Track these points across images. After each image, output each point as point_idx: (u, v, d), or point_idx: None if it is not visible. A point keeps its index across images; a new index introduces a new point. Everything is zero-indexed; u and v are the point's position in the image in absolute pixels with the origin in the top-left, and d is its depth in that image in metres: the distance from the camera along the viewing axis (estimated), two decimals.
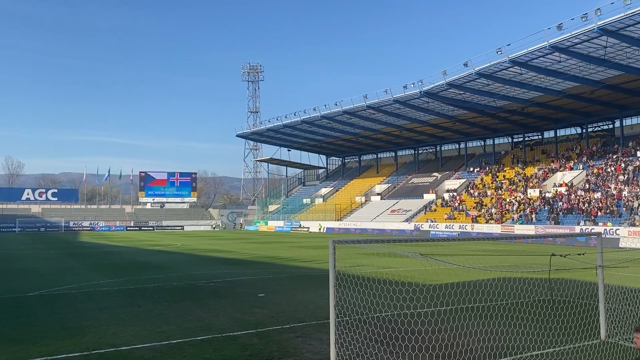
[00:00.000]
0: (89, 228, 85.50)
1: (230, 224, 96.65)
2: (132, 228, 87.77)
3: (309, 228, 75.16)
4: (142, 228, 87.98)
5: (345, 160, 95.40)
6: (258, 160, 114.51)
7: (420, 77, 73.38)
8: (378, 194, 77.32)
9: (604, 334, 9.99)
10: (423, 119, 63.05)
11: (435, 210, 63.13)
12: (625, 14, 33.40)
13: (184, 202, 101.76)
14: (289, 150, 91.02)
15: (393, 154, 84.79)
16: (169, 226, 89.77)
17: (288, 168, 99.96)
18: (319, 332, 10.75)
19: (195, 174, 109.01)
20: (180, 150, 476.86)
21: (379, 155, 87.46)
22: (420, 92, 52.77)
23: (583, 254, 7.40)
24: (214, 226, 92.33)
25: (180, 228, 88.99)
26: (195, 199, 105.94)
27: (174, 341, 10.31)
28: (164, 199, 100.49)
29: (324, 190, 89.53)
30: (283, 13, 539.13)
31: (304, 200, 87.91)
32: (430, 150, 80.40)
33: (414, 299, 10.39)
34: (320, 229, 72.88)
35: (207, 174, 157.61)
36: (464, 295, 11.07)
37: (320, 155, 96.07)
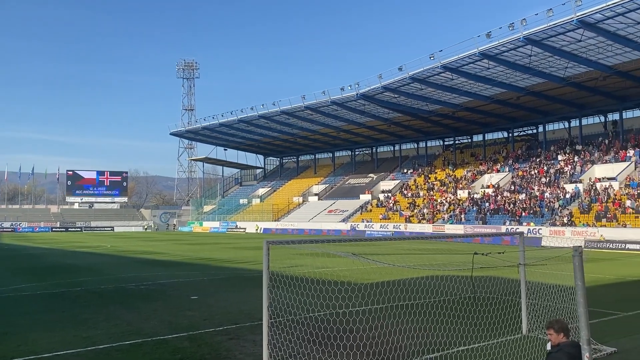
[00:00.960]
0: (10, 229, 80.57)
1: (163, 225, 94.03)
2: (58, 229, 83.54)
3: (245, 229, 74.46)
4: (69, 229, 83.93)
5: (283, 161, 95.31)
6: (193, 160, 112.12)
7: (357, 80, 74.55)
8: (316, 195, 77.79)
9: (525, 329, 10.53)
10: (360, 120, 64.07)
11: (370, 210, 64.28)
12: (548, 24, 35.40)
13: (114, 202, 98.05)
14: (225, 150, 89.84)
15: (331, 154, 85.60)
16: (98, 227, 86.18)
17: (224, 168, 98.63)
18: (252, 334, 10.67)
19: (127, 173, 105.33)
20: (111, 148, 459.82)
21: (316, 156, 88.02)
22: (357, 94, 53.59)
23: (503, 252, 7.77)
24: (145, 227, 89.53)
25: (110, 229, 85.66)
26: (126, 199, 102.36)
27: (100, 346, 9.91)
28: (92, 199, 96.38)
29: (261, 191, 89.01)
30: (220, 11, 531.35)
31: (241, 201, 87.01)
32: (367, 152, 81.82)
33: (346, 298, 10.53)
34: (257, 229, 72.38)
35: (139, 173, 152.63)
36: (396, 294, 11.35)
37: (258, 155, 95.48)
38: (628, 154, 47.58)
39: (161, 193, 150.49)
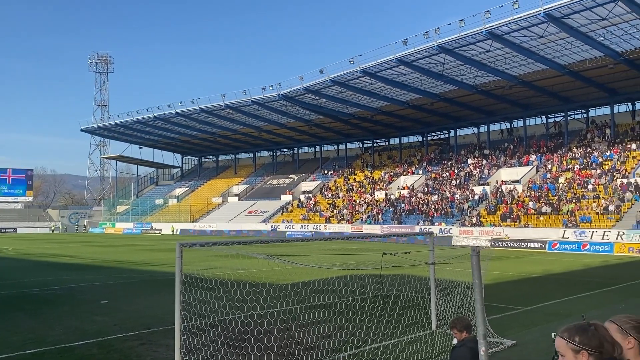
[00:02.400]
0: None
1: (72, 226, 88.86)
2: None
3: (161, 230, 72.11)
4: None
5: (202, 160, 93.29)
6: (106, 158, 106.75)
7: (278, 80, 74.71)
8: (236, 195, 76.87)
9: (434, 325, 11.03)
10: (281, 121, 64.12)
11: (291, 211, 64.50)
12: (460, 34, 37.27)
13: (17, 202, 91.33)
14: (140, 148, 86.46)
15: (251, 154, 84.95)
16: None
17: (139, 167, 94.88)
18: (166, 338, 10.37)
19: (32, 170, 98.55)
20: (14, 144, 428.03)
21: (237, 156, 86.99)
22: (279, 95, 53.59)
23: (409, 252, 8.11)
24: (52, 228, 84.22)
25: (12, 230, 79.72)
26: (31, 199, 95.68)
27: None
28: None
29: (178, 191, 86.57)
30: (138, 6, 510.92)
31: (157, 201, 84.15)
32: (288, 153, 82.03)
33: (261, 299, 10.50)
34: (173, 231, 70.32)
35: (46, 171, 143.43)
36: (312, 294, 11.47)
37: (175, 154, 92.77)
38: (530, 159, 51.12)
39: (70, 192, 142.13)
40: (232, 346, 8.74)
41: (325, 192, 65.84)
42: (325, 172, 72.24)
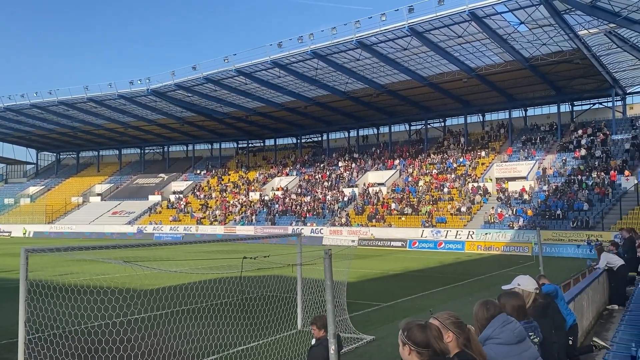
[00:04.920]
0: None
1: None
2: None
3: (10, 232, 65.13)
4: None
5: (61, 156, 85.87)
6: None
7: (148, 75, 71.11)
8: (98, 195, 71.96)
9: (300, 324, 11.29)
10: (150, 117, 61.27)
11: (160, 212, 61.97)
12: (332, 42, 38.55)
13: None
14: None
15: (117, 152, 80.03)
16: None
17: None
18: (10, 352, 9.42)
19: None
20: None
21: (100, 153, 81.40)
22: (148, 90, 51.16)
23: (268, 256, 8.24)
24: None
25: None
26: None
27: None
28: None
29: (32, 189, 78.83)
30: None
31: (6, 201, 75.86)
32: (158, 151, 78.67)
33: (124, 306, 9.97)
34: (25, 233, 63.87)
35: None
36: (177, 299, 11.15)
37: (29, 149, 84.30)
38: (394, 163, 54.44)
39: None
40: (86, 358, 8.17)
41: (198, 193, 64.26)
42: (198, 171, 70.48)
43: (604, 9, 30.32)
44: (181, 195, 64.80)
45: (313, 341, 5.96)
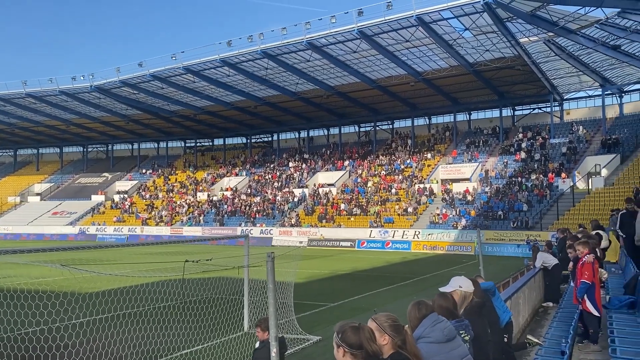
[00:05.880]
0: None
1: None
2: None
3: None
4: None
5: None
6: None
7: (92, 71, 68.58)
8: (37, 194, 68.87)
9: (246, 326, 11.21)
10: (94, 115, 59.19)
11: (104, 212, 60.02)
12: (282, 42, 38.49)
13: None
14: None
15: (58, 150, 76.81)
16: None
17: None
18: None
19: None
20: None
21: (40, 151, 77.91)
22: (91, 86, 49.43)
23: (210, 259, 8.17)
24: None
25: None
26: None
27: None
28: None
29: None
30: None
31: None
32: (102, 149, 76.13)
33: (60, 311, 9.58)
34: None
35: None
36: (118, 303, 10.83)
37: None
38: (344, 164, 54.92)
39: None
40: None
41: (143, 193, 62.63)
42: (144, 171, 68.68)
43: (543, 18, 31.71)
44: (126, 195, 62.97)
45: (257, 344, 5.95)
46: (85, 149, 75.34)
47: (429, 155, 50.93)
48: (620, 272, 12.42)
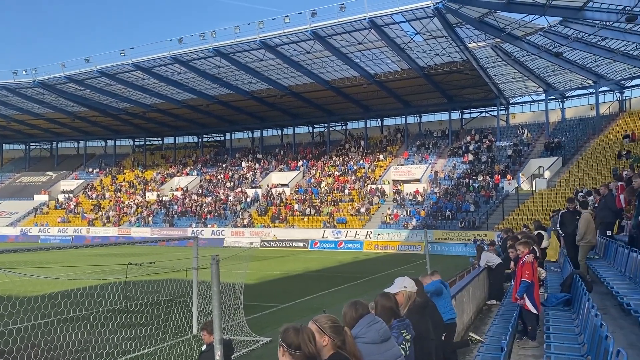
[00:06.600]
0: None
1: None
2: None
3: None
4: None
5: None
6: None
7: (35, 65, 65.80)
8: None
9: (195, 329, 11.05)
10: (37, 111, 56.81)
11: (47, 212, 57.73)
12: (235, 40, 38.12)
13: None
14: None
15: None
16: None
17: None
18: None
19: None
20: None
21: None
22: (34, 81, 47.41)
23: (154, 262, 8.03)
24: None
25: None
26: None
27: None
28: None
29: None
30: None
31: None
32: (45, 147, 73.17)
33: (3, 315, 9.17)
34: None
35: None
36: (63, 306, 10.45)
37: None
38: (298, 164, 54.94)
39: None
40: None
41: (90, 192, 60.62)
42: (90, 170, 66.47)
43: (491, 24, 32.78)
44: (71, 195, 60.79)
45: (204, 347, 5.88)
46: (27, 147, 72.23)
47: (381, 157, 51.65)
48: (559, 270, 13.00)
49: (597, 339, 4.48)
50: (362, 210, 43.57)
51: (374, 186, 46.54)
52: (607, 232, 11.10)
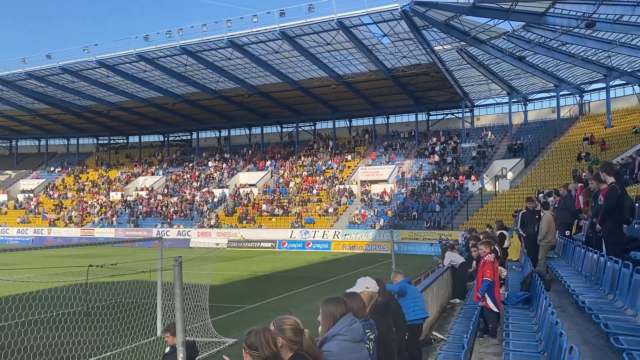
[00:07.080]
0: None
1: None
2: None
3: None
4: None
5: None
6: None
7: None
8: None
9: (159, 331, 10.90)
10: None
11: (6, 212, 55.93)
12: (202, 39, 37.69)
13: None
14: None
15: None
16: None
17: None
18: None
19: None
20: None
21: None
22: None
23: (115, 264, 7.91)
24: None
25: None
26: None
27: None
28: None
29: None
30: None
31: None
32: (4, 145, 70.87)
33: None
34: None
35: None
36: (23, 310, 10.17)
37: None
38: (266, 164, 54.72)
39: None
40: None
41: (51, 192, 58.98)
42: (52, 169, 64.69)
43: (457, 28, 33.38)
44: (31, 195, 59.06)
45: (168, 349, 5.82)
46: None
47: (349, 157, 51.92)
48: (519, 269, 13.34)
49: (552, 336, 4.64)
50: (330, 210, 43.72)
51: (342, 186, 46.75)
52: (566, 232, 11.47)
